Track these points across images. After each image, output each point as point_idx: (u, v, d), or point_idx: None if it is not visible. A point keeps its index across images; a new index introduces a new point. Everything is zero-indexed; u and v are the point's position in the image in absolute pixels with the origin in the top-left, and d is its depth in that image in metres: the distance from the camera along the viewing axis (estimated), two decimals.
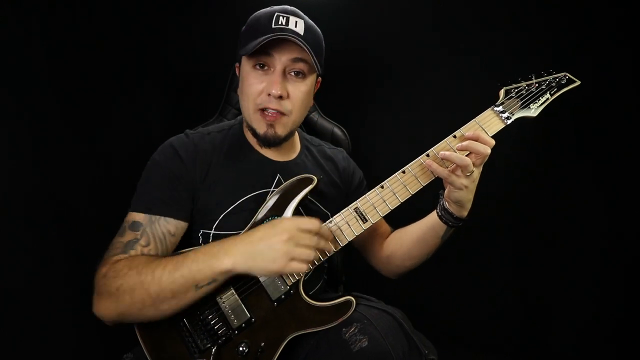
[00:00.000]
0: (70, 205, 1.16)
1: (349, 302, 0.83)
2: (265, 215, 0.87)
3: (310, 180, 0.89)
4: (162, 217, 0.85)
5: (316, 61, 0.86)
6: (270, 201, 0.88)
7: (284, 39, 0.84)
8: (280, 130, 0.90)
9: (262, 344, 0.82)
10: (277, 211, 0.87)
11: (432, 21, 1.48)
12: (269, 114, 0.88)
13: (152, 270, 0.74)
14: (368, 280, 1.51)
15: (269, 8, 0.90)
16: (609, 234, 1.51)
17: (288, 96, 0.88)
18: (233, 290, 0.83)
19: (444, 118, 1.51)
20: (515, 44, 1.45)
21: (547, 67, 1.44)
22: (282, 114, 0.89)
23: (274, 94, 0.85)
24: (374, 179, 1.11)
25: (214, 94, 0.93)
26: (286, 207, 0.87)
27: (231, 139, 0.98)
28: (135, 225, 0.83)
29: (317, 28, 0.93)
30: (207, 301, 0.83)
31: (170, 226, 0.85)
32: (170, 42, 1.36)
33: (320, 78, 1.01)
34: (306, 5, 1.41)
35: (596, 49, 1.40)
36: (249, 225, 0.87)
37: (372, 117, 1.55)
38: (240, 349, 0.81)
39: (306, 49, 0.84)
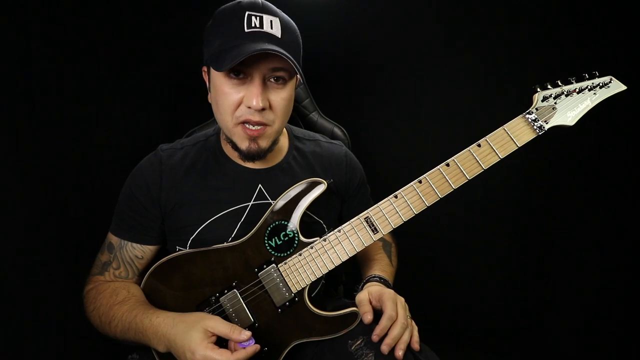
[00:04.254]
0: (70, 205, 1.17)
1: (354, 314, 0.81)
2: (272, 219, 0.84)
3: (319, 184, 0.84)
4: (130, 243, 0.89)
5: (298, 67, 0.75)
6: (277, 206, 0.84)
7: (263, 54, 0.72)
8: (265, 143, 0.82)
9: (265, 348, 0.82)
10: (283, 216, 0.84)
11: (433, 21, 1.44)
12: (251, 129, 0.78)
13: (109, 321, 0.81)
14: None
15: (235, 2, 0.78)
16: (609, 234, 1.50)
17: (270, 107, 0.78)
18: (238, 294, 0.82)
19: (444, 118, 1.52)
20: (516, 44, 1.41)
21: (546, 68, 1.38)
22: (265, 125, 0.79)
23: (254, 106, 0.75)
24: (373, 180, 1.08)
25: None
26: (292, 212, 0.84)
27: (206, 152, 0.91)
28: (110, 247, 0.90)
29: (292, 22, 0.81)
30: (212, 303, 0.83)
31: (137, 251, 0.89)
32: (169, 41, 1.33)
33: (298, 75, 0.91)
34: (306, 5, 1.36)
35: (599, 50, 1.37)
36: (251, 232, 0.84)
37: (372, 117, 1.52)
38: None
39: (288, 59, 0.72)
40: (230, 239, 0.86)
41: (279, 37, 0.75)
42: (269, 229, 0.83)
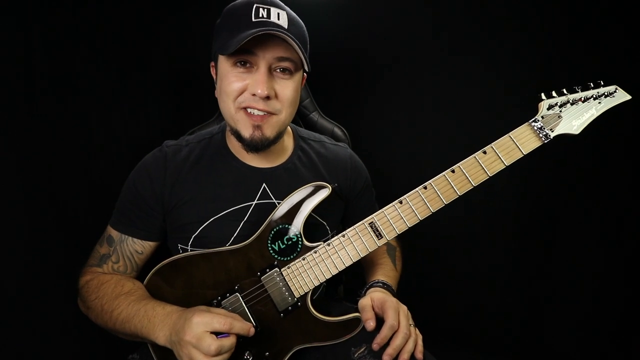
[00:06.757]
0: (70, 205, 1.16)
1: (357, 320, 0.80)
2: (276, 223, 0.83)
3: (324, 188, 0.84)
4: (130, 237, 0.89)
5: (305, 57, 0.77)
6: (281, 209, 0.84)
7: (269, 35, 0.73)
8: (269, 132, 0.81)
9: (267, 353, 0.81)
10: (287, 220, 0.83)
11: (433, 21, 1.44)
12: (254, 115, 0.79)
13: (112, 310, 0.80)
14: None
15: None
16: (609, 234, 1.50)
17: (276, 95, 0.79)
18: (240, 298, 0.82)
19: (444, 119, 1.53)
20: (516, 45, 1.42)
21: (546, 69, 1.38)
22: (270, 114, 0.80)
23: (259, 94, 0.76)
24: (373, 180, 1.09)
25: (214, 94, 0.87)
26: (296, 216, 0.83)
27: (211, 149, 0.91)
28: (110, 240, 0.90)
29: (299, 19, 0.83)
30: (214, 306, 0.82)
31: (137, 246, 0.89)
32: (170, 41, 1.33)
33: (305, 74, 0.91)
34: (306, 5, 1.37)
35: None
36: (254, 236, 0.83)
37: (372, 117, 1.52)
38: (245, 356, 0.81)
39: (295, 43, 0.74)
40: (232, 238, 0.86)
41: (286, 27, 0.77)
42: (273, 232, 0.83)
